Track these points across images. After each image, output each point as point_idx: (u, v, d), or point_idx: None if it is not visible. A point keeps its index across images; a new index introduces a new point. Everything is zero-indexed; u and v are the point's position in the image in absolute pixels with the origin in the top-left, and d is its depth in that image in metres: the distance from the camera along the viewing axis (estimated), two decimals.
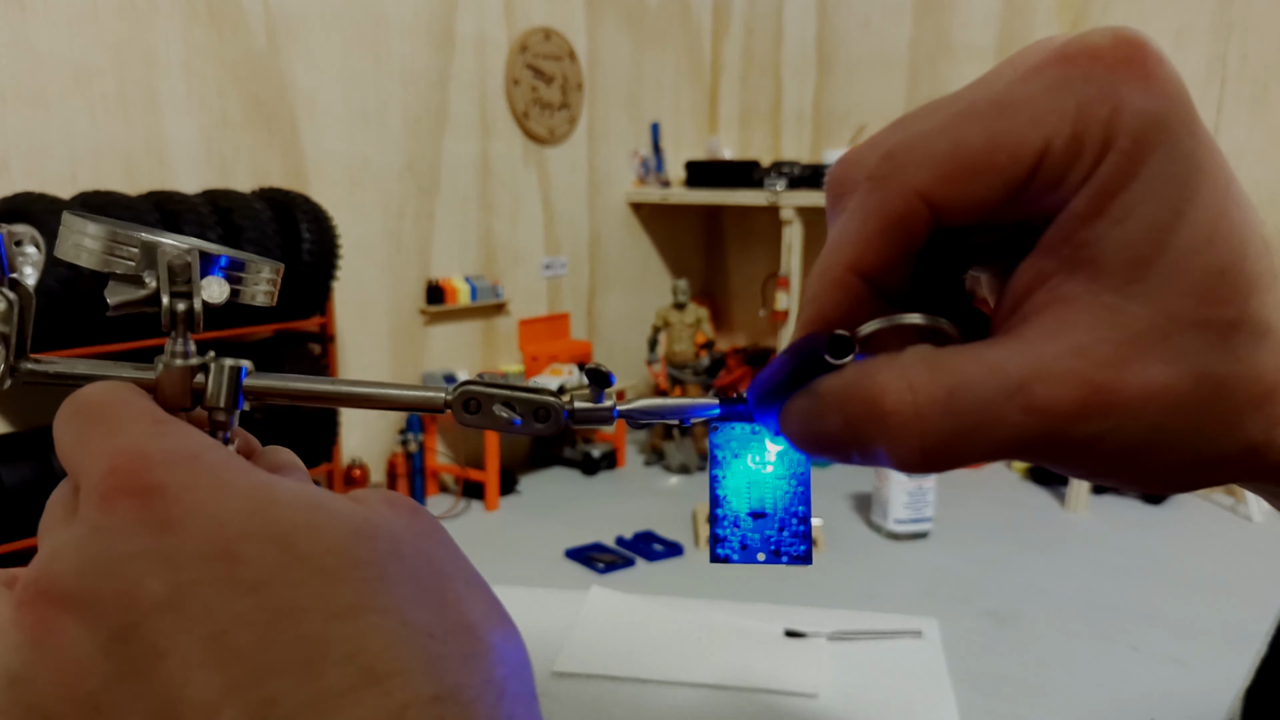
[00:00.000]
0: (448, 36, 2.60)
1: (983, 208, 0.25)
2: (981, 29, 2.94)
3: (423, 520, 0.26)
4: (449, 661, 0.23)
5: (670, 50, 3.32)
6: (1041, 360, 0.24)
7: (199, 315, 0.29)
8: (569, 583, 1.74)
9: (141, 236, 0.29)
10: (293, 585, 0.22)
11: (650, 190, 3.22)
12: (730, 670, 1.21)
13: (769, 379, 0.28)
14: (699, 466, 2.78)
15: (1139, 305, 0.23)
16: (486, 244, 2.81)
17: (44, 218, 1.70)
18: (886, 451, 0.25)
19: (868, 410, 0.25)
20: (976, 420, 0.24)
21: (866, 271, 0.26)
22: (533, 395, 0.30)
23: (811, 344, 0.26)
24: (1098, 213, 0.24)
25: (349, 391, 0.30)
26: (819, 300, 0.27)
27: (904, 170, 0.25)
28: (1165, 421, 0.24)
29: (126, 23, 1.97)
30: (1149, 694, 1.30)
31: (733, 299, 3.62)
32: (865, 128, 3.17)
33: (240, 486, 0.24)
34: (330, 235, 2.16)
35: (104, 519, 0.23)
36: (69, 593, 0.23)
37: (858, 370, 0.25)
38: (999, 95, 0.25)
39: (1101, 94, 0.23)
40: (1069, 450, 0.24)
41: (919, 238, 0.26)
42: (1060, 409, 0.23)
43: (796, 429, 0.27)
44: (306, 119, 2.32)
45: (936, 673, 1.29)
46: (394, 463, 2.55)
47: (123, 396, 0.27)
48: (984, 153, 0.24)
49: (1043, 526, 2.11)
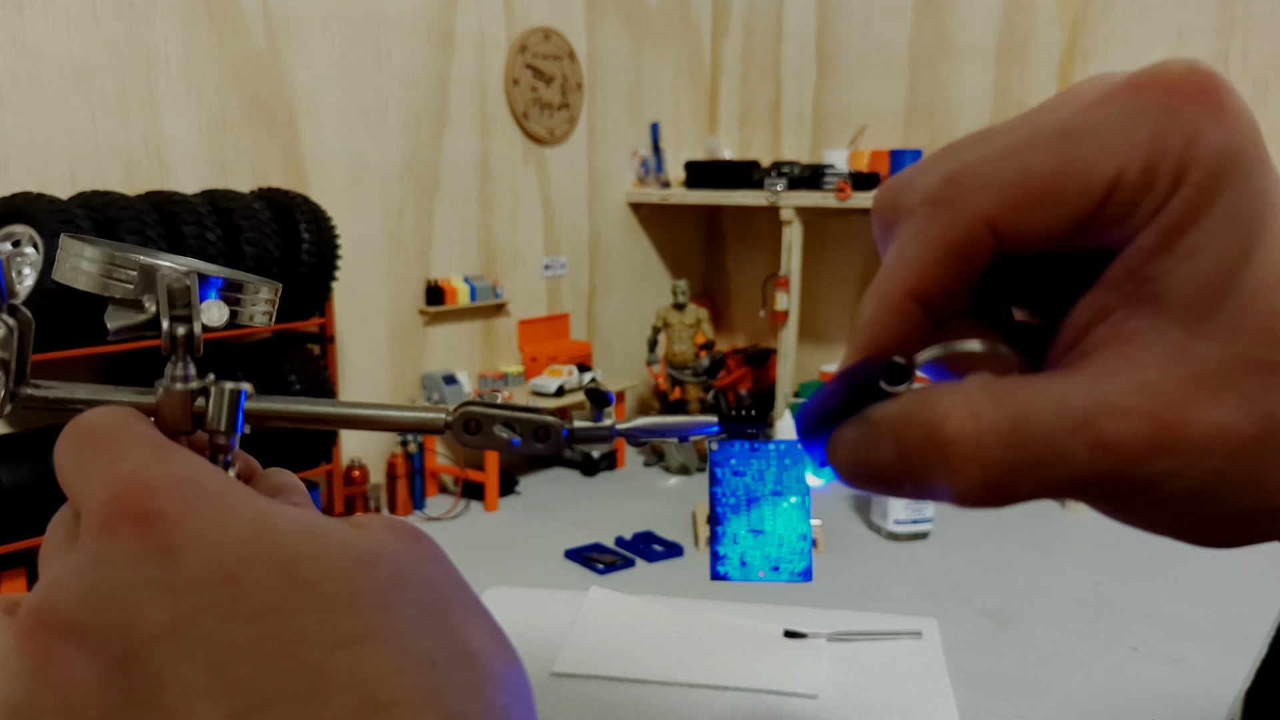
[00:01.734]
0: (448, 36, 2.60)
1: (1048, 238, 0.24)
2: (981, 29, 2.94)
3: (424, 546, 0.26)
4: (451, 689, 0.23)
5: (670, 50, 3.32)
6: (1107, 395, 0.23)
7: (199, 339, 0.29)
8: (569, 583, 1.74)
9: (139, 259, 0.29)
10: (294, 613, 0.22)
11: (650, 190, 3.22)
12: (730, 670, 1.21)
13: (818, 405, 0.27)
14: (698, 467, 2.78)
15: (1205, 344, 0.23)
16: (486, 244, 2.81)
17: (43, 218, 1.70)
18: (945, 482, 0.24)
19: (926, 438, 0.24)
20: (1041, 454, 0.23)
21: (925, 298, 0.26)
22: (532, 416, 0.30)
23: (866, 370, 0.25)
24: (1166, 248, 0.23)
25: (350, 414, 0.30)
26: (875, 326, 0.26)
27: (969, 196, 0.25)
28: (1228, 466, 0.23)
29: (125, 23, 1.97)
30: (1149, 694, 1.30)
31: (733, 299, 3.62)
32: (865, 128, 3.17)
33: (241, 514, 0.24)
34: (330, 235, 2.16)
35: (104, 547, 0.23)
36: (70, 621, 0.23)
37: (915, 397, 0.24)
38: (1067, 123, 0.24)
39: (1176, 126, 0.23)
40: (1131, 491, 0.23)
41: (980, 264, 0.25)
42: (1128, 446, 0.23)
43: (846, 458, 0.26)
44: (306, 119, 2.32)
45: (936, 673, 1.29)
46: (393, 463, 2.55)
47: (123, 422, 0.27)
48: (1053, 181, 0.24)
49: (1043, 526, 2.11)
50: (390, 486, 2.54)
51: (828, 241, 3.21)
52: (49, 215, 1.69)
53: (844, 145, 3.16)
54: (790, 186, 2.89)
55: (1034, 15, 2.86)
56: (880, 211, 0.28)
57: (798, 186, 2.90)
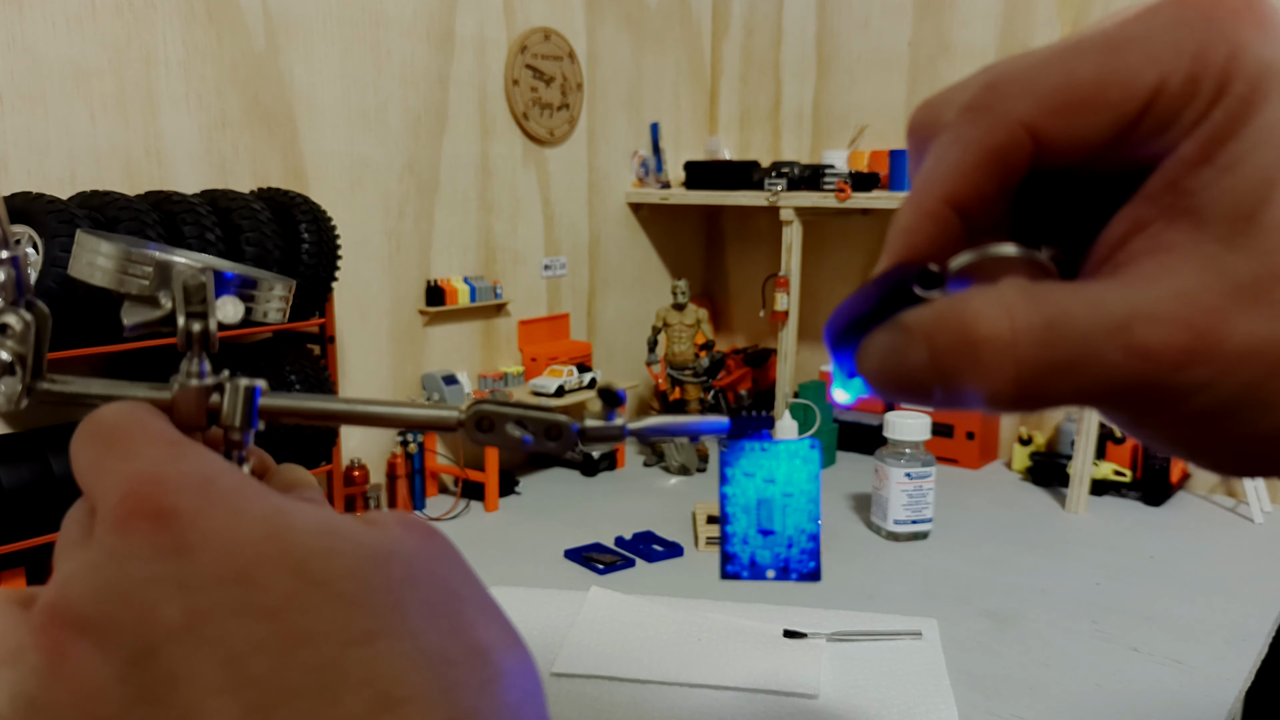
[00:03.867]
0: (448, 36, 2.61)
1: (1089, 145, 0.24)
2: (981, 29, 2.94)
3: (437, 543, 0.26)
4: (464, 687, 0.23)
5: (670, 50, 3.32)
6: (1144, 301, 0.23)
7: (214, 335, 0.29)
8: (568, 583, 1.74)
9: (155, 256, 0.29)
10: (308, 611, 0.23)
11: (650, 191, 3.22)
12: (730, 670, 1.21)
13: (849, 311, 0.26)
14: (699, 468, 2.78)
15: (1242, 257, 0.23)
16: (486, 244, 2.81)
17: (43, 218, 1.70)
18: (976, 384, 0.23)
19: (959, 339, 0.23)
20: (1075, 355, 0.23)
21: (962, 204, 0.25)
22: (544, 415, 0.30)
23: (900, 274, 0.25)
24: (1206, 159, 0.23)
25: (362, 411, 0.31)
26: (910, 232, 0.26)
27: (1008, 101, 0.25)
28: (1262, 381, 0.23)
29: (125, 23, 1.97)
30: (1149, 694, 1.30)
31: (733, 299, 3.62)
32: (865, 128, 3.17)
33: (255, 511, 0.24)
34: (330, 236, 2.16)
35: (119, 543, 0.23)
36: (85, 617, 0.23)
37: (949, 300, 0.24)
38: (1111, 32, 0.24)
39: (1220, 36, 0.23)
40: (1162, 401, 0.23)
41: (1019, 172, 0.25)
42: (1163, 352, 0.22)
43: (876, 364, 0.26)
44: (306, 119, 2.32)
45: (936, 673, 1.29)
46: (393, 463, 2.55)
47: (138, 418, 0.27)
48: (1095, 86, 0.24)
49: (1043, 526, 2.11)
50: (390, 486, 2.54)
51: (828, 241, 3.21)
52: (49, 215, 1.69)
53: (844, 145, 3.16)
54: (790, 187, 2.89)
55: (1034, 15, 2.86)
56: (916, 129, 0.28)
57: (798, 187, 2.90)
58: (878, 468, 2.20)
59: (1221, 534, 2.08)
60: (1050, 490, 2.34)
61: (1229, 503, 2.31)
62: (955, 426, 2.59)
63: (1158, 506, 2.24)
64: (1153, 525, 2.11)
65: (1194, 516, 2.20)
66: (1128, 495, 2.28)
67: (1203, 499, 2.34)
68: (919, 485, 2.25)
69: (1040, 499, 2.29)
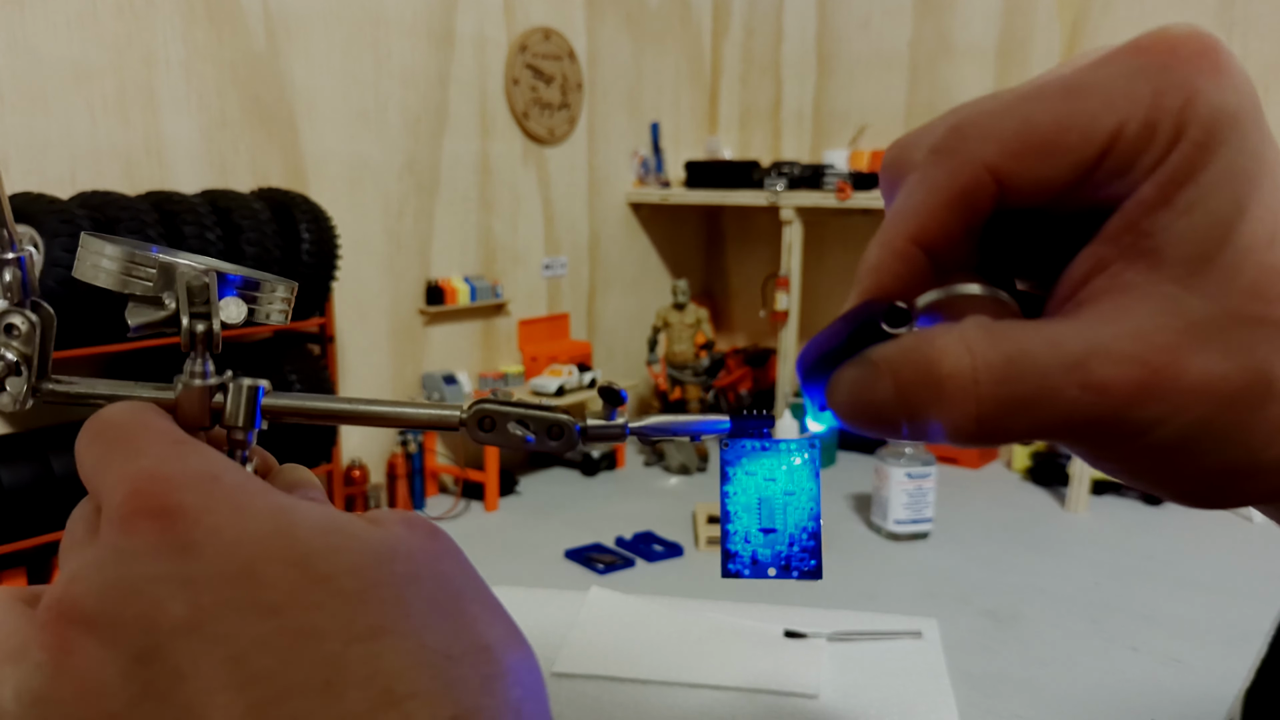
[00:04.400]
0: (447, 36, 2.60)
1: (1050, 187, 0.25)
2: (981, 29, 2.94)
3: (440, 542, 0.26)
4: (467, 683, 0.23)
5: (670, 50, 3.32)
6: (1100, 340, 0.23)
7: (218, 335, 0.30)
8: (569, 583, 1.74)
9: (159, 258, 0.30)
10: (313, 608, 0.23)
11: (650, 190, 3.22)
12: (730, 670, 1.21)
13: (819, 347, 0.27)
14: (698, 467, 2.78)
15: (1198, 298, 0.23)
16: (486, 244, 2.81)
17: (43, 218, 1.70)
18: (940, 419, 0.24)
19: (923, 375, 0.24)
20: (1033, 392, 0.23)
21: (928, 244, 0.26)
22: (546, 414, 0.30)
23: (868, 311, 0.25)
24: (1164, 202, 0.23)
25: (365, 410, 0.31)
26: (878, 271, 0.26)
27: (971, 144, 0.25)
28: (1216, 416, 0.23)
29: (125, 23, 1.97)
30: (1149, 694, 1.30)
31: (733, 299, 3.62)
32: (866, 128, 3.17)
33: (260, 509, 0.24)
34: (329, 235, 2.16)
35: (125, 541, 0.24)
36: (90, 614, 0.23)
37: (914, 337, 0.25)
38: (1070, 79, 0.25)
39: (1176, 84, 0.23)
40: (1119, 436, 0.24)
41: (983, 214, 0.26)
42: (1118, 389, 0.23)
43: (846, 398, 0.26)
44: (306, 119, 2.31)
45: (936, 673, 1.29)
46: (393, 463, 2.55)
47: (143, 418, 0.27)
48: (1055, 131, 0.24)
49: (1043, 526, 2.11)
50: (390, 486, 2.54)
51: (828, 241, 3.21)
52: (49, 215, 1.69)
53: (844, 145, 3.16)
54: (790, 186, 2.89)
55: (1034, 15, 2.86)
56: (888, 167, 0.28)
57: (798, 186, 2.90)
58: (878, 468, 2.20)
59: (1221, 534, 2.08)
60: (1050, 490, 2.34)
61: None
62: None
63: (1157, 506, 2.24)
64: (1153, 525, 2.11)
65: (1194, 516, 2.20)
66: (1128, 495, 2.29)
67: None
68: (919, 485, 2.25)
69: (1040, 499, 2.29)
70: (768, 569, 0.29)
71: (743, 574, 0.28)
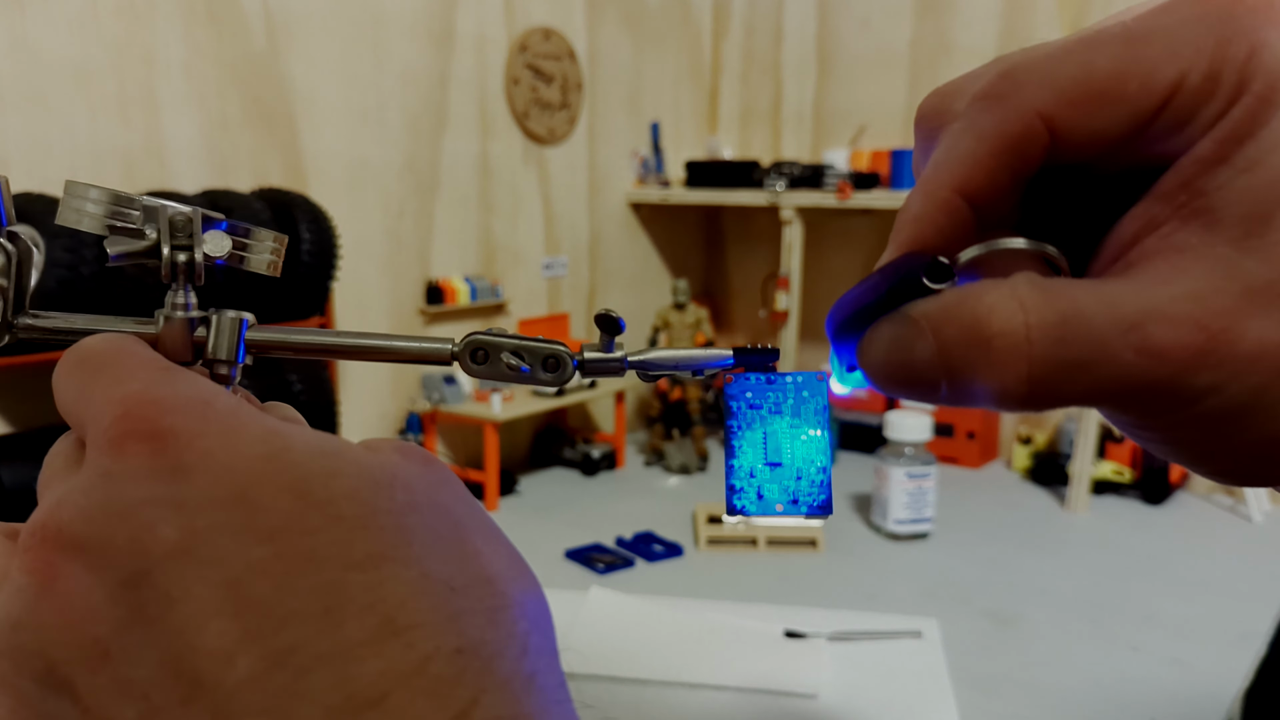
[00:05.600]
0: (448, 36, 2.60)
1: (1104, 139, 0.24)
2: (981, 29, 2.94)
3: (437, 470, 0.25)
4: (471, 615, 0.22)
5: (670, 50, 3.32)
6: (1156, 302, 0.22)
7: (200, 267, 0.29)
8: (569, 583, 1.74)
9: (144, 200, 0.29)
10: (310, 533, 0.22)
11: (650, 190, 3.22)
12: (730, 670, 1.21)
13: (853, 302, 0.26)
14: (699, 468, 2.78)
15: (1255, 261, 0.22)
16: (486, 244, 2.81)
17: (44, 218, 1.70)
18: (987, 380, 0.23)
19: (970, 333, 0.23)
20: (1088, 354, 0.22)
21: (974, 195, 0.25)
22: (542, 344, 0.29)
23: (908, 264, 0.24)
24: (1223, 159, 0.23)
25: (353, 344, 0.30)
26: (919, 222, 0.25)
27: (1025, 90, 0.24)
28: (1271, 385, 0.22)
29: (125, 23, 1.97)
30: (1149, 694, 1.30)
31: (733, 299, 3.62)
32: (865, 128, 3.17)
33: (254, 432, 0.24)
34: (330, 235, 2.16)
35: (114, 464, 0.23)
36: (77, 538, 0.22)
37: (958, 293, 0.23)
38: (1130, 26, 0.24)
39: (1241, 33, 0.22)
40: (1171, 403, 0.23)
41: (1033, 165, 0.24)
42: (1175, 353, 0.22)
43: (881, 357, 0.25)
44: (306, 119, 2.32)
45: (936, 673, 1.29)
46: None
47: (127, 346, 0.26)
48: (1114, 79, 0.23)
49: (1043, 526, 2.11)
50: None
51: (828, 241, 3.21)
52: (49, 215, 1.69)
53: (844, 145, 3.16)
54: (790, 186, 2.89)
55: (1034, 15, 2.86)
56: (926, 117, 0.27)
57: (798, 186, 2.90)
58: (878, 468, 2.20)
59: (1221, 534, 2.08)
60: (1050, 490, 2.34)
61: (1228, 503, 2.31)
62: (956, 426, 2.59)
63: (1158, 506, 2.24)
64: (1153, 525, 2.11)
65: (1194, 516, 2.20)
66: (1128, 495, 2.29)
67: (1202, 499, 2.34)
68: (919, 485, 2.25)
69: (1040, 499, 2.29)
70: (774, 505, 0.28)
71: (747, 511, 0.28)
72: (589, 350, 0.30)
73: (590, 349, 0.30)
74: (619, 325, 0.29)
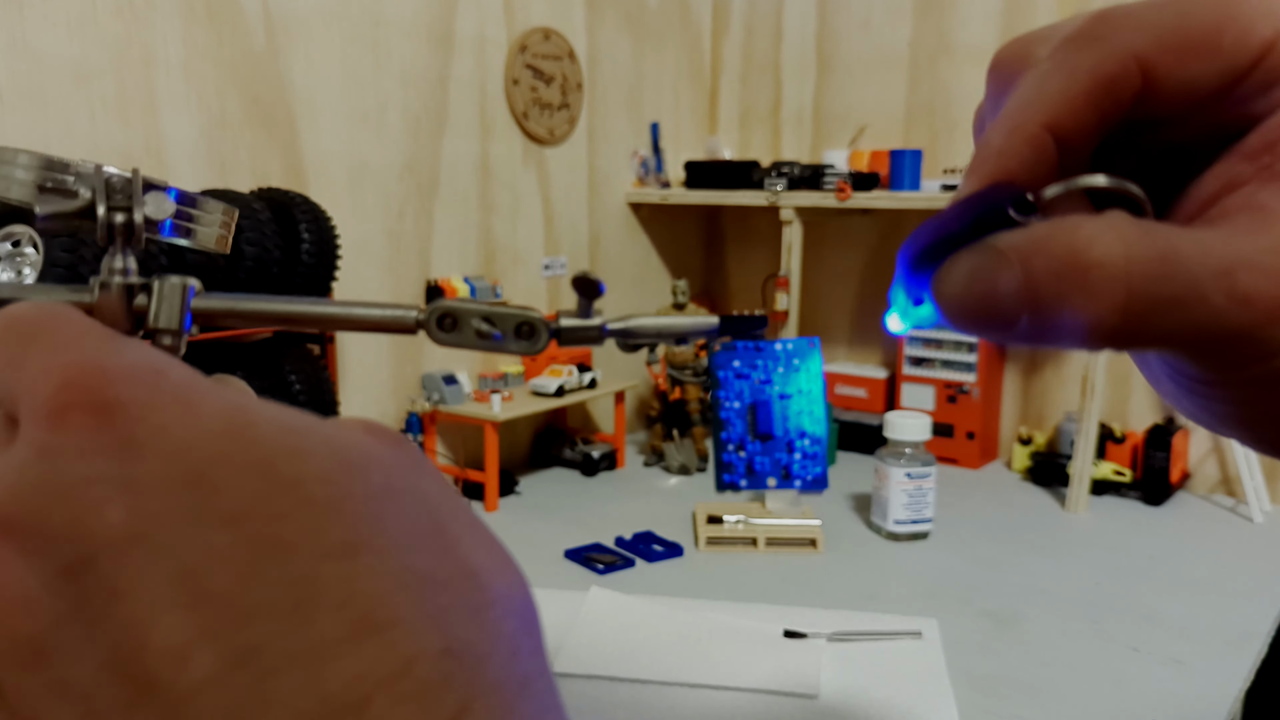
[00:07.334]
0: (447, 36, 2.61)
1: (1195, 91, 0.24)
2: (981, 29, 2.94)
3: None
4: (455, 613, 0.21)
5: (670, 50, 3.32)
6: (1246, 252, 0.23)
7: (140, 229, 0.27)
8: (568, 583, 1.74)
9: (80, 165, 0.27)
10: (277, 518, 0.20)
11: (650, 190, 3.23)
12: (730, 670, 1.21)
13: (933, 232, 0.25)
14: (699, 468, 2.78)
15: None
16: (486, 244, 2.81)
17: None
18: (1082, 310, 0.23)
19: (1065, 263, 0.23)
20: (1182, 292, 0.22)
21: (1063, 133, 0.25)
22: (514, 311, 0.28)
23: (995, 195, 0.24)
24: None
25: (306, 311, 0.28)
26: (1005, 155, 0.25)
27: (1123, 32, 0.24)
28: None
29: (125, 23, 1.97)
30: (1149, 694, 1.30)
31: (733, 299, 3.62)
32: (865, 128, 3.17)
33: (213, 406, 0.21)
34: (330, 235, 2.16)
35: (53, 439, 0.20)
36: (8, 519, 0.20)
37: (1050, 225, 0.23)
38: None
39: None
40: (1248, 354, 0.23)
41: (1122, 108, 0.25)
42: (1262, 301, 0.22)
43: (960, 288, 0.24)
44: (306, 119, 2.32)
45: (936, 673, 1.29)
46: None
47: (63, 313, 0.24)
48: (1211, 30, 0.23)
49: (1043, 526, 2.11)
50: None
51: (828, 241, 3.21)
52: None
53: (844, 145, 3.16)
54: (790, 186, 2.89)
55: (1034, 15, 2.86)
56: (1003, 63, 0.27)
57: (798, 186, 2.90)
58: (878, 468, 2.20)
59: (1221, 534, 2.08)
60: (1050, 490, 2.34)
61: (1229, 502, 2.30)
62: (955, 426, 2.59)
63: (1158, 506, 2.24)
64: (1153, 525, 2.11)
65: (1194, 516, 2.20)
66: (1128, 495, 2.28)
67: (1203, 499, 2.34)
68: (919, 485, 2.25)
69: (1040, 499, 2.29)
70: (766, 479, 0.27)
71: (738, 485, 0.27)
72: (565, 317, 0.29)
73: (567, 315, 0.29)
74: (598, 288, 0.28)
